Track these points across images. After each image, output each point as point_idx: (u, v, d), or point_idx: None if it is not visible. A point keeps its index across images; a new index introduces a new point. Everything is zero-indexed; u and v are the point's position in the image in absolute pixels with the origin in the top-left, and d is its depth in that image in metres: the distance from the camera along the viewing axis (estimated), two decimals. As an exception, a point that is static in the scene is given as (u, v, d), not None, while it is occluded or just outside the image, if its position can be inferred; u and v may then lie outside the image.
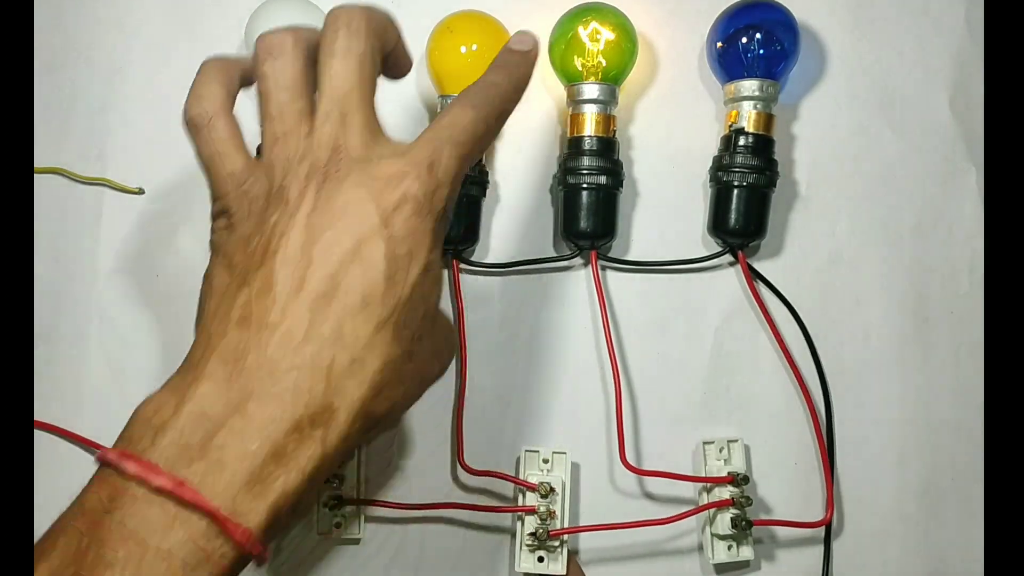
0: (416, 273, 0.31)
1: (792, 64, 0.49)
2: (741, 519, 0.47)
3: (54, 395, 0.49)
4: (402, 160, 0.32)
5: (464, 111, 0.34)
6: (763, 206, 0.49)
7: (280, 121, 0.33)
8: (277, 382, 0.29)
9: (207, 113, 0.34)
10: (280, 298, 0.29)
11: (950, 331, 0.50)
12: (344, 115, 0.32)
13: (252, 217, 0.32)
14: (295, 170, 0.32)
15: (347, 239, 0.30)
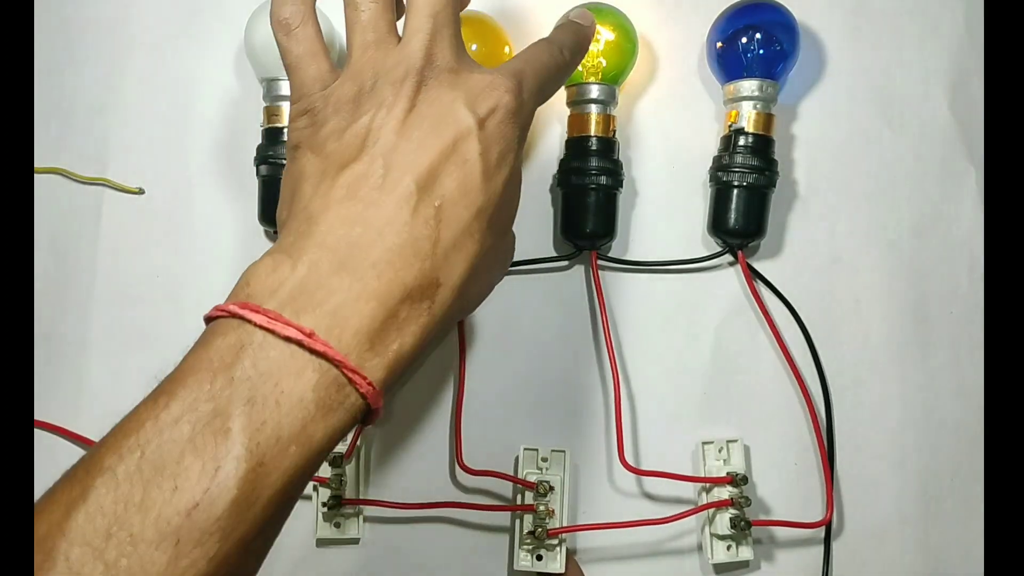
0: (506, 173, 0.33)
1: (792, 64, 0.49)
2: (740, 519, 0.47)
3: (54, 395, 0.49)
4: (493, 74, 0.33)
5: (541, 49, 0.36)
6: (763, 206, 0.49)
7: (372, 29, 0.34)
8: (390, 254, 0.30)
9: (297, 13, 0.35)
10: (385, 180, 0.31)
11: (950, 331, 0.50)
12: (436, 28, 0.33)
13: (342, 114, 0.33)
14: (388, 75, 0.33)
15: (446, 135, 0.31)
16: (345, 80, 0.34)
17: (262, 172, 0.48)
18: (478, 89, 0.33)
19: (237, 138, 0.50)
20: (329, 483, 0.47)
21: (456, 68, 0.33)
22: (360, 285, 0.29)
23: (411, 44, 0.33)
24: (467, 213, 0.32)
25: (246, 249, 0.50)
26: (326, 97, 0.34)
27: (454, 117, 0.32)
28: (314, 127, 0.33)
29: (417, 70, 0.32)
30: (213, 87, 0.51)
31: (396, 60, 0.33)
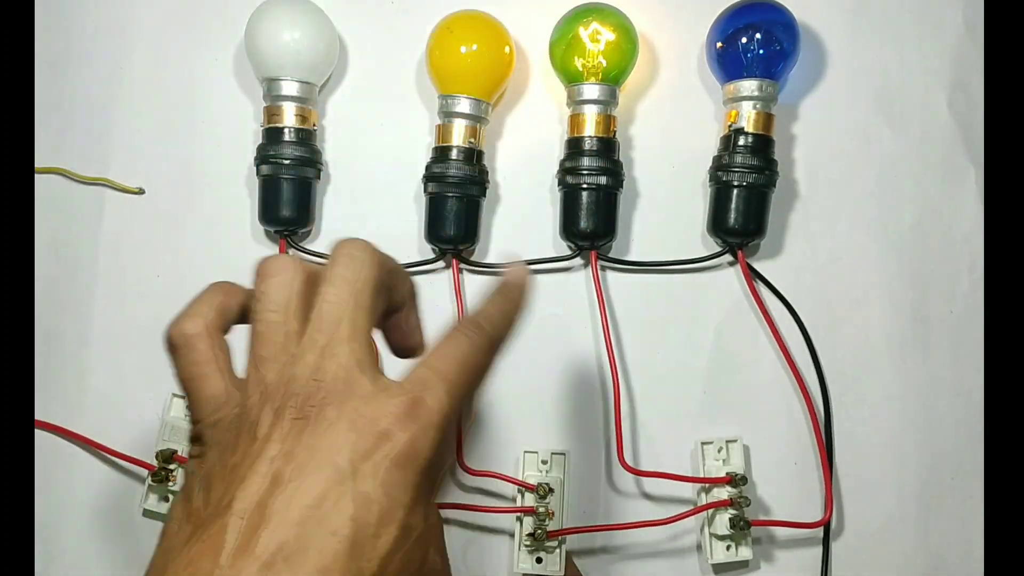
0: (389, 540, 0.27)
1: (792, 64, 0.49)
2: (739, 519, 0.47)
3: (54, 394, 0.49)
4: (386, 397, 0.28)
5: (456, 341, 0.31)
6: (763, 206, 0.49)
7: (265, 343, 0.30)
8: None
9: (188, 332, 0.31)
10: (227, 560, 0.26)
11: (950, 331, 0.50)
12: (329, 345, 0.29)
13: (221, 448, 0.29)
14: (270, 402, 0.29)
15: (310, 493, 0.26)
16: (235, 402, 0.30)
17: (262, 172, 0.48)
18: (363, 424, 0.27)
19: (237, 138, 0.50)
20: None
21: (345, 395, 0.28)
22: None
23: (299, 363, 0.29)
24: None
25: (246, 249, 0.50)
26: (213, 425, 0.30)
27: (325, 469, 0.27)
28: (200, 459, 0.29)
29: (297, 400, 0.28)
30: (213, 87, 0.51)
31: (280, 383, 0.29)
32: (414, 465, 0.27)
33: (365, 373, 0.29)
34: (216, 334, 0.31)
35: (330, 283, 0.30)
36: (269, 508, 0.26)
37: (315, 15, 0.48)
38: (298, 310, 0.30)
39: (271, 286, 0.31)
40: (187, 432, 0.31)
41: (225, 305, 0.32)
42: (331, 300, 0.30)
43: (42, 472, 0.48)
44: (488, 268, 0.50)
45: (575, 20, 0.48)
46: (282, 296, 0.30)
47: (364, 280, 0.30)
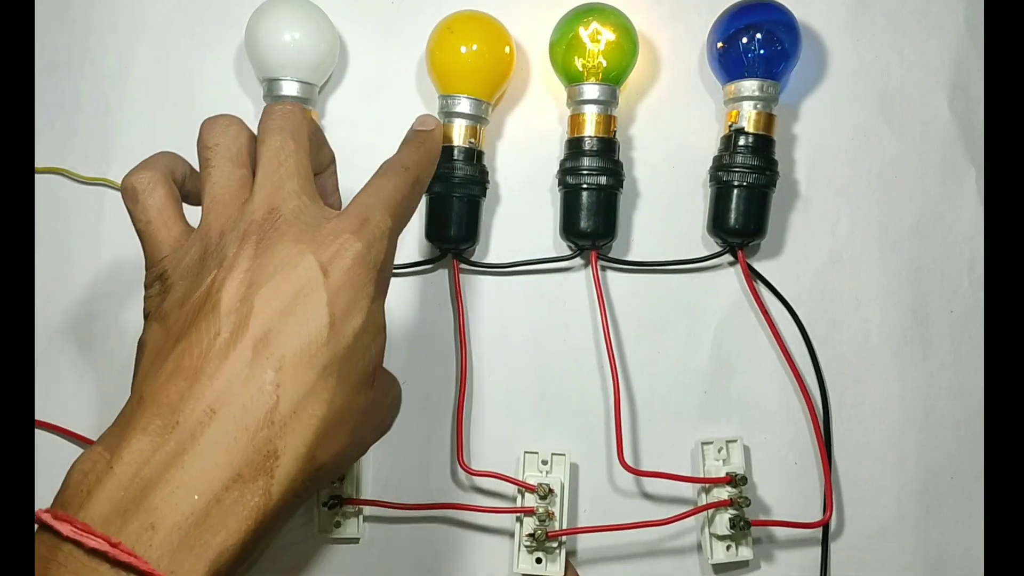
0: (358, 322, 0.31)
1: (793, 64, 0.49)
2: (739, 519, 0.47)
3: (55, 394, 0.49)
4: (337, 219, 0.32)
5: (386, 179, 0.36)
6: (763, 206, 0.48)
7: (220, 187, 0.33)
8: (216, 431, 0.28)
9: (144, 181, 0.35)
10: (218, 346, 0.29)
11: (950, 331, 0.50)
12: (280, 181, 0.33)
13: (188, 279, 0.32)
14: (232, 232, 0.32)
15: (287, 289, 0.30)
16: (193, 241, 0.33)
17: (262, 172, 0.48)
18: (322, 235, 0.32)
19: (238, 138, 0.50)
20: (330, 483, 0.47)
21: (300, 216, 0.32)
22: (180, 475, 0.27)
23: (255, 199, 0.32)
24: (311, 372, 0.29)
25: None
26: (175, 260, 0.33)
27: (296, 268, 0.30)
28: (163, 294, 0.32)
29: (258, 224, 0.32)
30: (214, 87, 0.51)
31: (239, 217, 0.32)
32: (371, 265, 0.32)
33: (315, 203, 0.34)
34: (169, 183, 0.35)
35: (271, 132, 0.34)
36: (251, 303, 0.30)
37: (315, 15, 0.48)
38: (246, 160, 0.35)
39: (220, 140, 0.35)
40: (147, 282, 0.34)
41: (175, 163, 0.36)
42: (273, 144, 0.34)
43: (42, 472, 0.48)
44: (488, 268, 0.50)
45: (575, 20, 0.48)
46: (232, 148, 0.34)
47: (300, 130, 0.35)
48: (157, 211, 0.34)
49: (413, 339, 0.50)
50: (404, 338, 0.50)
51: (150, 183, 0.35)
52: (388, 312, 0.50)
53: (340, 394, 0.30)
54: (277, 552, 0.48)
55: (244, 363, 0.29)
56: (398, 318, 0.50)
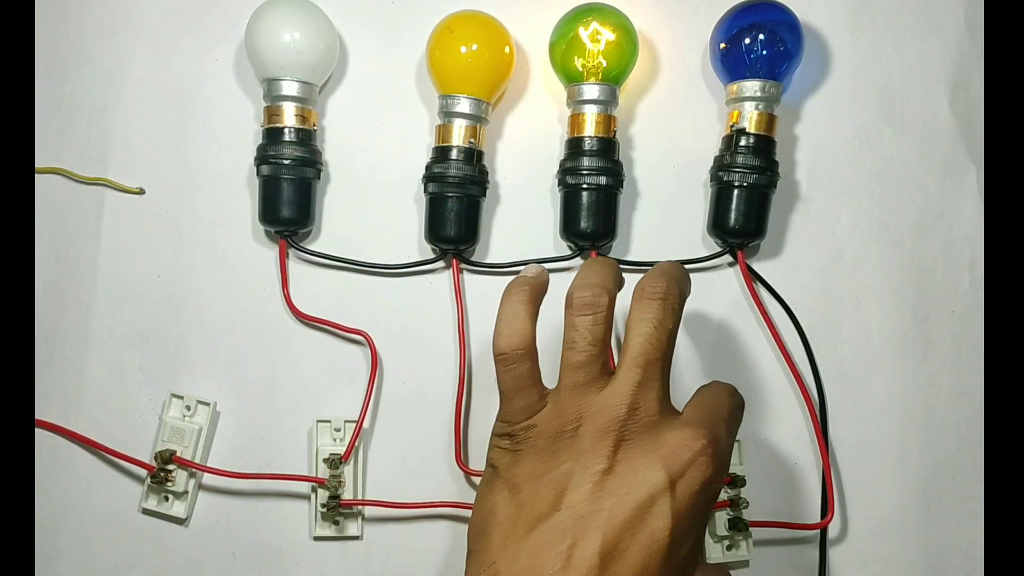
0: (688, 545, 0.32)
1: (795, 65, 0.49)
2: (738, 521, 0.47)
3: (55, 395, 0.49)
4: (691, 432, 0.33)
5: (720, 393, 0.36)
6: (763, 206, 0.48)
7: (584, 370, 0.35)
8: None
9: (518, 351, 0.36)
10: (570, 553, 0.30)
11: (950, 331, 0.50)
12: (646, 380, 0.34)
13: (538, 452, 0.33)
14: (590, 420, 0.33)
15: (637, 504, 0.31)
16: (551, 417, 0.34)
17: (263, 172, 0.48)
18: (674, 449, 0.32)
19: (237, 138, 0.50)
20: (327, 484, 0.47)
21: (659, 423, 0.33)
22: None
23: (617, 392, 0.34)
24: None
25: (246, 249, 0.50)
26: (528, 428, 0.34)
27: (648, 486, 0.31)
28: (513, 455, 0.34)
29: (620, 422, 0.33)
30: (213, 87, 0.51)
31: (601, 406, 0.33)
32: (711, 493, 0.33)
33: (669, 409, 0.35)
34: (535, 355, 0.37)
35: (647, 323, 0.35)
36: (602, 510, 0.31)
37: (315, 15, 0.48)
38: (608, 345, 0.36)
39: (588, 322, 0.36)
40: (499, 432, 0.36)
41: (536, 316, 0.38)
42: (649, 341, 0.35)
43: (41, 470, 0.48)
44: (488, 268, 0.50)
45: (575, 20, 0.48)
46: (599, 332, 0.36)
47: (675, 327, 0.35)
48: (524, 380, 0.36)
49: (413, 339, 0.50)
50: (404, 338, 0.50)
51: (524, 355, 0.36)
52: (388, 311, 0.50)
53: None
54: (278, 553, 0.48)
55: (590, 568, 0.30)
56: (398, 318, 0.50)
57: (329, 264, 0.50)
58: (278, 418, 0.49)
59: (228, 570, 0.48)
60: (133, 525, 0.48)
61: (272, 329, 0.50)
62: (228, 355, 0.49)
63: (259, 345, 0.49)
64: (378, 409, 0.49)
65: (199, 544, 0.49)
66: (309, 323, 0.49)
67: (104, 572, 0.48)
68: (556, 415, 0.34)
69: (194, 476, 0.48)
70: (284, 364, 0.49)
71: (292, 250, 0.50)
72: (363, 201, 0.51)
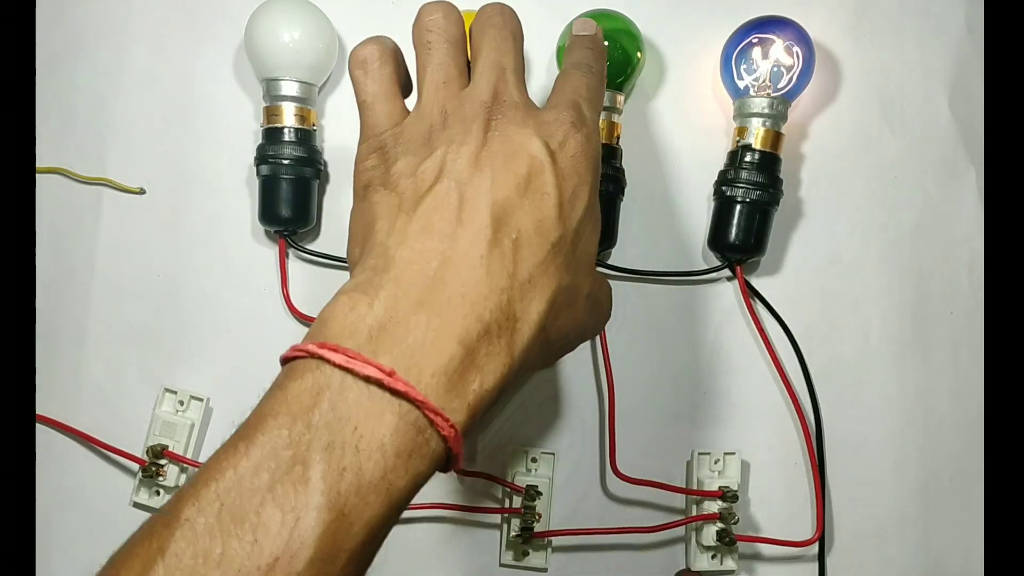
0: (581, 208, 0.32)
1: (805, 83, 0.48)
2: (726, 535, 0.46)
3: (54, 392, 0.49)
4: (555, 110, 0.34)
5: (574, 77, 0.36)
6: (764, 223, 0.48)
7: (443, 70, 0.35)
8: (466, 288, 0.29)
9: (375, 54, 0.36)
10: (461, 213, 0.30)
11: (950, 331, 0.50)
12: (503, 71, 0.34)
13: (413, 151, 0.33)
14: (458, 111, 0.33)
15: (520, 169, 0.31)
16: (416, 118, 0.34)
17: (262, 172, 0.48)
18: (546, 124, 0.33)
19: (237, 138, 0.50)
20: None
21: (523, 106, 0.34)
22: (439, 322, 0.28)
23: (479, 84, 0.34)
24: (543, 248, 0.31)
25: (246, 248, 0.50)
26: (396, 135, 0.34)
27: (527, 151, 0.32)
28: (385, 165, 0.33)
29: (486, 107, 0.33)
30: (213, 87, 0.51)
31: (464, 98, 0.34)
32: (592, 155, 0.33)
33: (531, 102, 0.35)
34: (398, 60, 0.37)
35: (492, 26, 0.36)
36: (485, 180, 0.31)
37: (315, 15, 0.48)
38: (465, 46, 0.36)
39: (441, 26, 0.36)
40: (366, 150, 0.35)
41: (397, 47, 0.37)
42: (495, 39, 0.35)
43: (39, 465, 0.48)
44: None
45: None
46: (453, 33, 0.36)
47: (518, 31, 0.36)
48: (385, 84, 0.36)
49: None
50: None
51: (382, 57, 0.36)
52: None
53: (567, 273, 0.32)
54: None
55: (485, 230, 0.30)
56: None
57: (328, 264, 0.50)
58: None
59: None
60: (127, 519, 0.48)
61: (270, 328, 0.50)
62: (226, 354, 0.49)
63: (257, 344, 0.49)
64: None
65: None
66: (308, 323, 0.49)
67: (95, 562, 0.48)
68: (422, 115, 0.34)
69: (185, 471, 0.48)
70: (282, 363, 0.49)
71: (291, 250, 0.50)
72: (362, 201, 0.51)
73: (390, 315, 0.28)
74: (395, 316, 0.28)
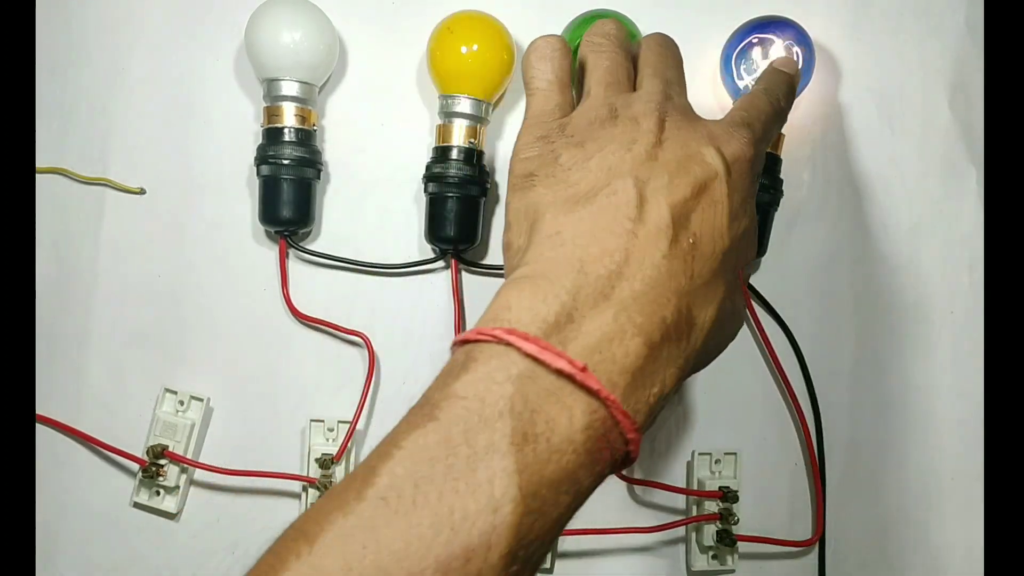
0: (745, 223, 0.32)
1: (805, 82, 0.48)
2: (726, 535, 0.46)
3: (55, 393, 0.49)
4: (728, 123, 0.34)
5: (761, 100, 0.37)
6: (764, 223, 0.48)
7: (613, 72, 0.35)
8: (648, 287, 0.28)
9: (557, 45, 0.37)
10: (641, 211, 0.29)
11: (950, 331, 0.50)
12: (668, 82, 0.35)
13: (579, 145, 0.32)
14: (628, 109, 0.33)
15: (697, 174, 0.31)
16: (585, 111, 0.34)
17: (262, 172, 0.48)
18: (718, 136, 0.32)
19: (237, 138, 0.50)
20: (317, 484, 0.47)
21: (692, 113, 0.34)
22: (624, 318, 0.27)
23: (648, 88, 0.34)
24: (715, 256, 0.30)
25: (246, 249, 0.50)
26: (563, 125, 0.34)
27: (703, 158, 0.31)
28: (551, 155, 0.33)
29: (658, 107, 0.33)
30: (214, 87, 0.51)
31: (635, 99, 0.34)
32: (756, 174, 0.33)
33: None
34: (571, 57, 0.37)
35: (657, 46, 0.38)
36: (662, 181, 0.30)
37: (315, 15, 0.48)
38: (629, 51, 0.38)
39: (611, 38, 0.37)
40: (531, 137, 0.35)
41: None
42: (661, 56, 0.37)
43: (41, 467, 0.48)
44: (487, 269, 0.50)
45: (583, 26, 0.48)
46: (620, 41, 0.37)
47: (679, 54, 0.38)
48: (561, 74, 0.36)
49: (412, 339, 0.50)
50: (403, 338, 0.50)
51: (562, 48, 0.37)
52: (387, 311, 0.50)
53: (728, 285, 0.31)
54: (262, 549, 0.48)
55: (666, 229, 0.29)
56: (397, 318, 0.50)
57: (329, 264, 0.50)
58: (275, 417, 0.49)
59: (225, 568, 0.48)
60: (129, 520, 0.48)
61: (271, 329, 0.50)
62: (227, 354, 0.50)
63: (258, 344, 0.49)
64: (374, 410, 0.49)
65: (193, 541, 0.48)
66: (308, 323, 0.49)
67: (96, 562, 0.48)
68: (590, 110, 0.34)
69: (185, 472, 0.48)
70: (282, 363, 0.49)
71: (292, 250, 0.50)
72: (363, 201, 0.51)
73: (575, 306, 0.27)
74: (579, 308, 0.27)
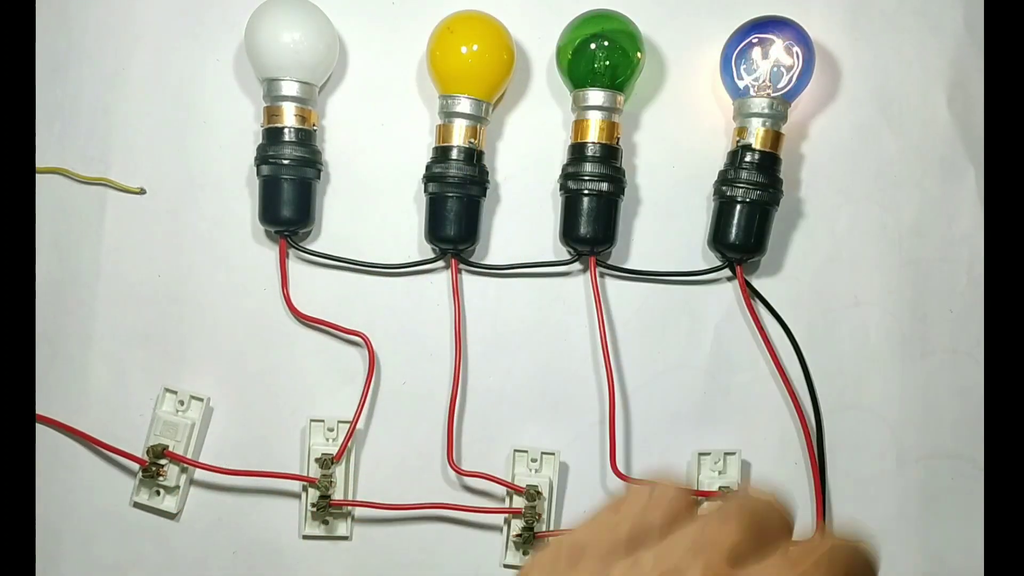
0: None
1: (805, 83, 0.48)
2: None
3: (56, 393, 0.49)
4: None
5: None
6: (765, 223, 0.48)
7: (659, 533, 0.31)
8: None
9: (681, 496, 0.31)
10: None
11: (950, 330, 0.50)
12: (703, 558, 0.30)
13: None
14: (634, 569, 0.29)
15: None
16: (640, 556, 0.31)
17: (263, 172, 0.48)
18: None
19: (238, 138, 0.51)
20: (318, 484, 0.47)
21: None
22: None
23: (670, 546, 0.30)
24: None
25: (246, 248, 0.50)
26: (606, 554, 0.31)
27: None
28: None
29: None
30: (214, 87, 0.51)
31: (651, 557, 0.29)
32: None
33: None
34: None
35: (716, 519, 0.29)
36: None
37: (315, 15, 0.48)
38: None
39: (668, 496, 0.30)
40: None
41: None
42: (713, 527, 0.29)
43: (42, 468, 0.48)
44: (488, 268, 0.50)
45: (583, 26, 0.48)
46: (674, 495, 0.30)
47: (739, 539, 0.29)
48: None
49: (412, 339, 0.50)
50: (403, 338, 0.50)
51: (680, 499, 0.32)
52: (387, 311, 0.50)
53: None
54: (267, 553, 0.48)
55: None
56: (397, 318, 0.50)
57: (329, 264, 0.50)
58: (275, 417, 0.49)
59: (226, 567, 0.48)
60: (129, 520, 0.48)
61: (272, 328, 0.50)
62: (227, 354, 0.50)
63: (258, 344, 0.50)
64: (375, 409, 0.49)
65: (193, 540, 0.48)
66: (308, 323, 0.49)
67: (96, 562, 0.48)
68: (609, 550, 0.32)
69: (186, 471, 0.48)
70: (283, 363, 0.50)
71: (292, 250, 0.50)
72: (363, 201, 0.51)
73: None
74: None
